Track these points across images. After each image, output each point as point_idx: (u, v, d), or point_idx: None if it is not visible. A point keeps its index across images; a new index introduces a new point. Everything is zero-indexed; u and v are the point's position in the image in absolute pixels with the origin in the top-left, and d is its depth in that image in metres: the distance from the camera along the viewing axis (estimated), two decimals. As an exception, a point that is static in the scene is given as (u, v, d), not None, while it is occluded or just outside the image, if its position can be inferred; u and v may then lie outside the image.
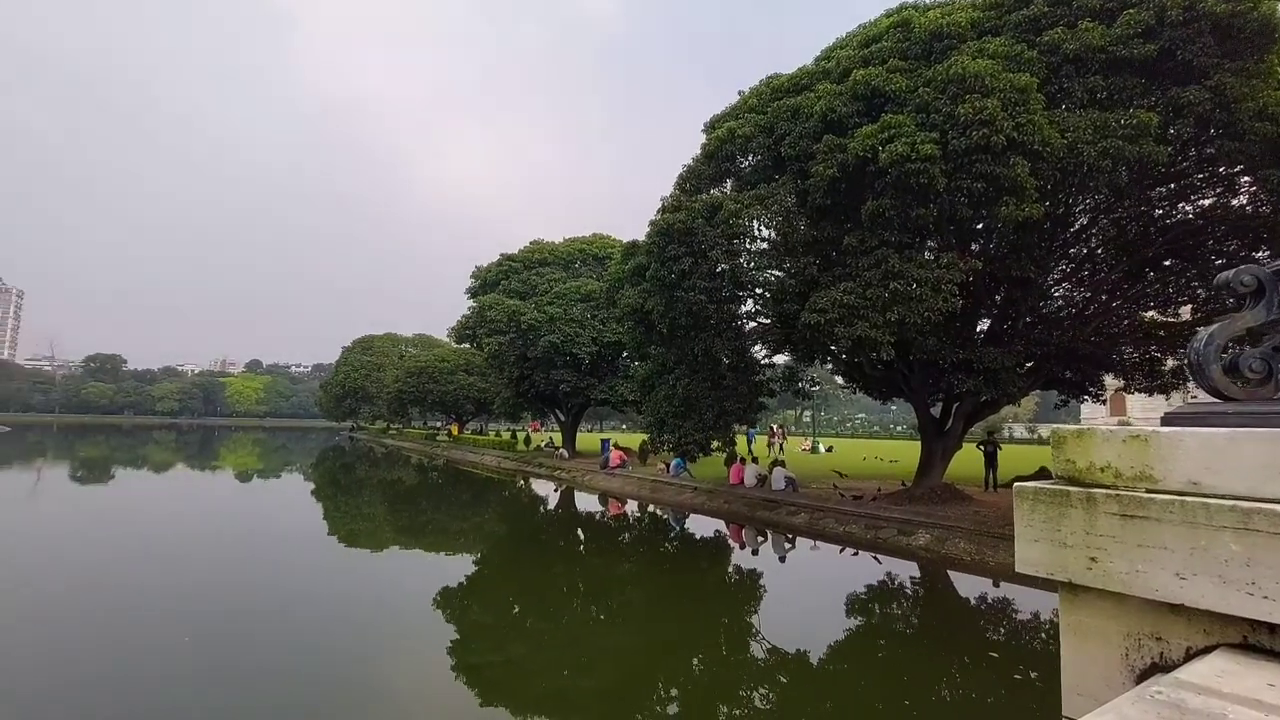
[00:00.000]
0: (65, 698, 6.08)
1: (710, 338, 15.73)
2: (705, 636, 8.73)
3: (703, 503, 19.70)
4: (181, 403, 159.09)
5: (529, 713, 6.12)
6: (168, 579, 10.87)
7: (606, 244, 37.16)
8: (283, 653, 7.46)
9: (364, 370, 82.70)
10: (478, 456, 42.22)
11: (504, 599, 10.65)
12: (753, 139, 14.99)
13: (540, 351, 31.04)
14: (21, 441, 55.95)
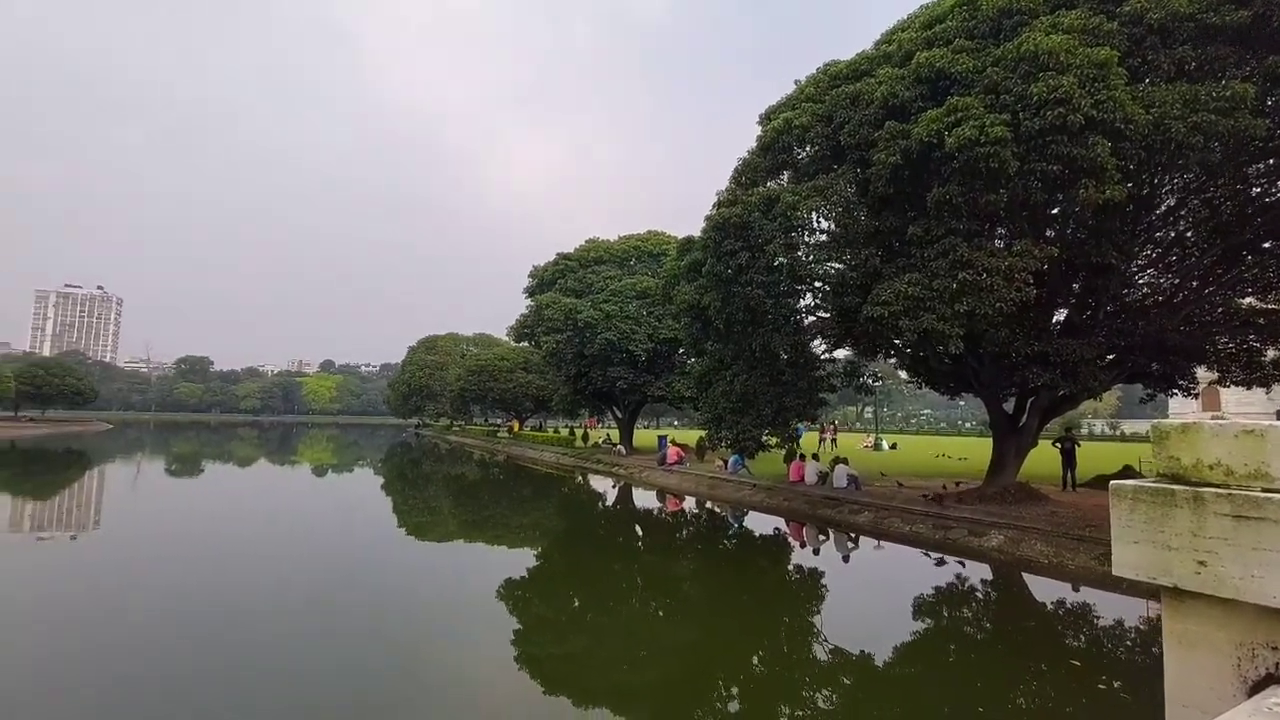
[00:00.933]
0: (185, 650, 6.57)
1: (768, 333, 15.50)
2: (765, 635, 8.63)
3: (762, 500, 19.48)
4: (263, 401, 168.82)
5: (588, 705, 6.20)
6: (252, 566, 11.58)
7: (661, 241, 37.15)
8: (353, 638, 7.81)
9: (428, 369, 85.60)
10: (537, 453, 43.02)
11: (564, 592, 10.83)
12: (810, 129, 14.66)
13: (597, 349, 31.33)
14: (123, 438, 60.65)
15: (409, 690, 6.37)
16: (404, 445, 60.51)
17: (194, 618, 8.50)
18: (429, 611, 9.24)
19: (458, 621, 8.85)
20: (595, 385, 33.70)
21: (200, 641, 7.57)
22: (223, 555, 12.67)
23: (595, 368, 32.69)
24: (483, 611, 9.18)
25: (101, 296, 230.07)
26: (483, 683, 6.79)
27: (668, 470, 26.32)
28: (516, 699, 6.31)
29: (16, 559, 12.39)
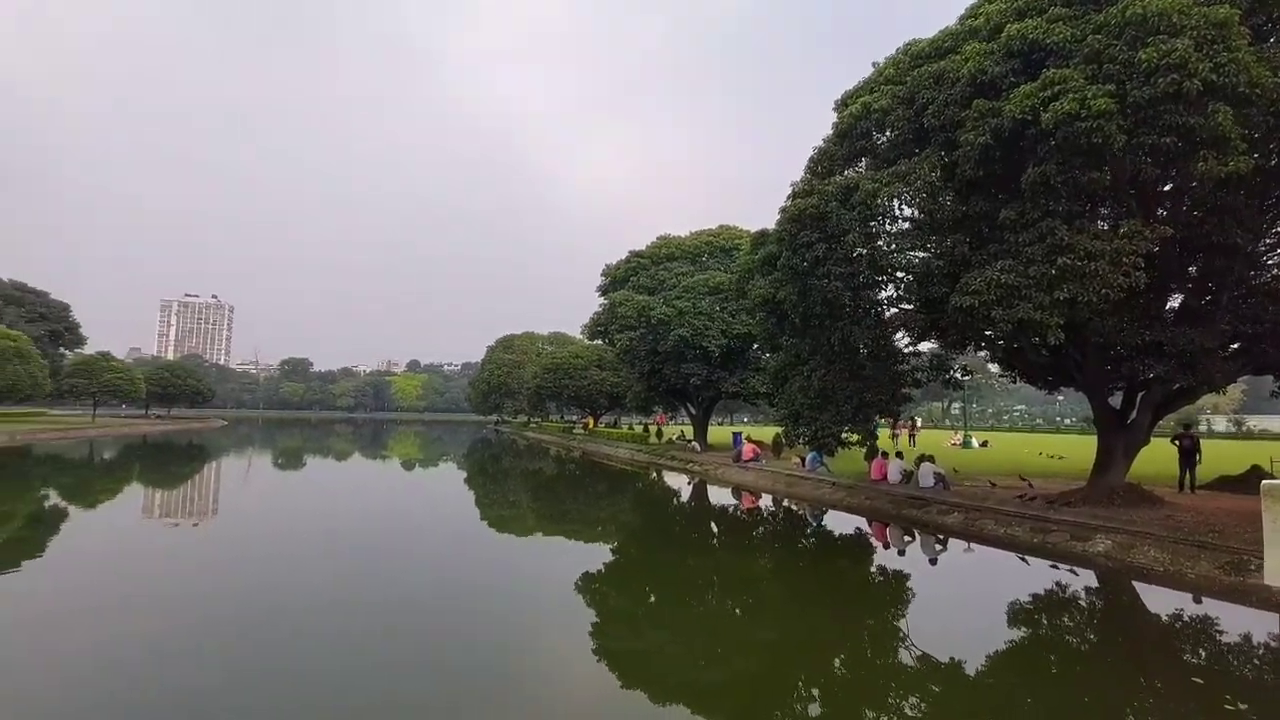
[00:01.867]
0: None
1: (847, 326, 15.01)
2: (846, 637, 8.37)
3: (842, 499, 18.92)
4: (356, 399, 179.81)
5: (665, 700, 6.20)
6: (348, 554, 12.34)
7: (733, 235, 36.71)
8: (437, 627, 8.16)
9: (506, 368, 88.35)
10: (612, 449, 43.53)
11: (640, 587, 10.90)
12: (890, 112, 14.07)
13: (670, 345, 31.34)
14: (236, 433, 66.03)
15: (491, 679, 6.59)
16: (484, 441, 62.72)
17: (300, 599, 9.13)
18: (509, 602, 9.53)
19: (537, 613, 9.07)
20: (669, 382, 33.74)
21: (305, 621, 8.13)
22: (325, 542, 13.58)
23: (668, 364, 32.72)
24: (560, 604, 9.37)
25: (216, 304, 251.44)
26: (560, 674, 6.93)
27: (743, 467, 26.02)
28: (593, 691, 6.40)
29: (149, 543, 13.73)
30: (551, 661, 7.27)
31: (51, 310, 65.08)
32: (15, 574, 10.59)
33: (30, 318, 61.17)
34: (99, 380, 68.53)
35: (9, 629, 7.83)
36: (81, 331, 68.62)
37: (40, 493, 21.00)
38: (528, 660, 7.27)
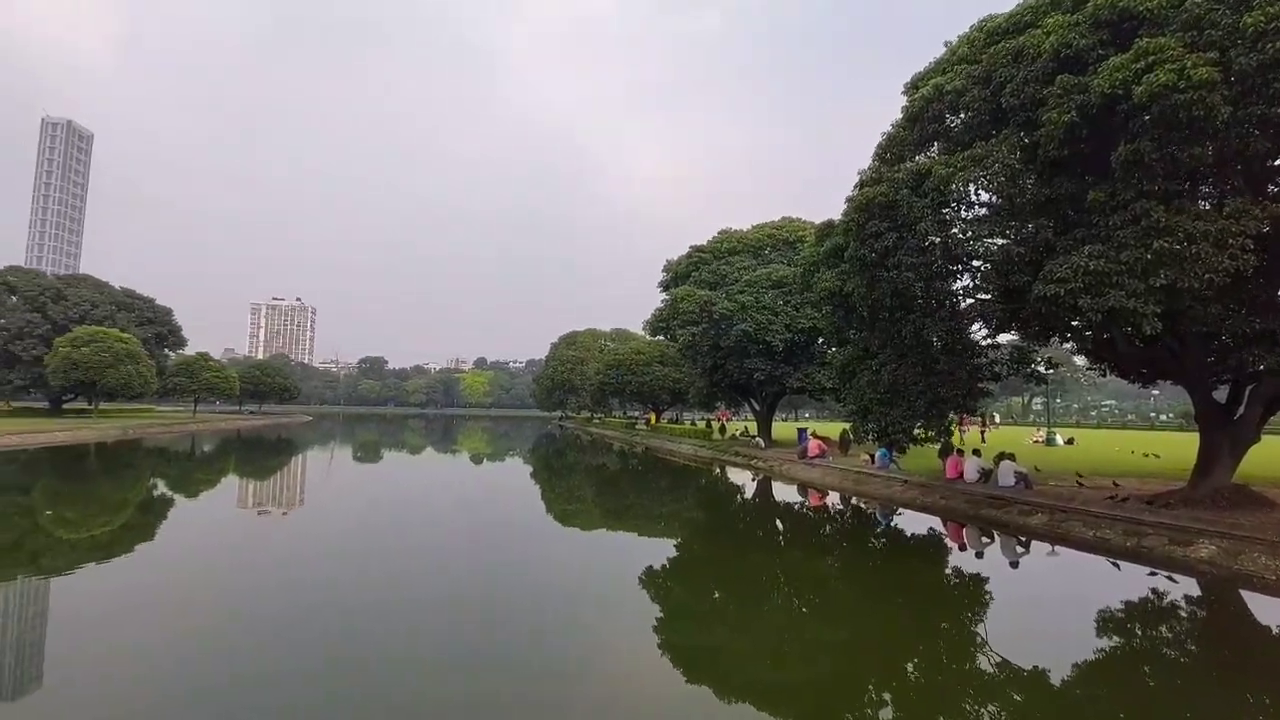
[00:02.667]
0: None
1: (919, 319, 14.44)
2: (920, 640, 8.07)
3: (914, 497, 18.26)
4: (428, 395, 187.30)
5: (731, 698, 6.16)
6: (421, 545, 12.87)
7: (797, 228, 35.95)
8: (503, 620, 8.39)
9: (569, 364, 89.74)
10: (674, 445, 43.54)
11: (705, 584, 10.87)
12: (965, 93, 13.42)
13: (733, 340, 31.02)
14: (320, 428, 69.94)
15: (554, 672, 6.74)
16: (549, 437, 63.99)
17: (373, 589, 9.61)
18: (574, 596, 9.71)
19: (601, 607, 9.20)
20: (732, 377, 33.41)
21: (376, 609, 8.54)
22: (400, 533, 14.23)
23: (731, 359, 32.41)
24: (624, 598, 9.46)
25: (299, 307, 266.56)
26: (623, 669, 6.99)
27: (809, 464, 25.51)
28: (658, 686, 6.43)
29: (242, 530, 14.75)
30: (615, 656, 7.36)
31: (157, 315, 70.59)
32: (129, 556, 11.61)
33: (139, 322, 66.58)
34: (199, 379, 73.98)
35: (130, 601, 8.59)
36: (183, 334, 74.14)
37: (149, 482, 22.91)
38: (591, 654, 7.38)
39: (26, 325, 60.18)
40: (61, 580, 9.94)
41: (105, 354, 51.82)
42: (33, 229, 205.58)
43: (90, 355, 51.24)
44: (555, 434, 69.79)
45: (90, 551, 11.93)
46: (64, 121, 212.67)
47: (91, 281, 68.49)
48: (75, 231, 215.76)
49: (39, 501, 17.53)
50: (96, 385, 52.51)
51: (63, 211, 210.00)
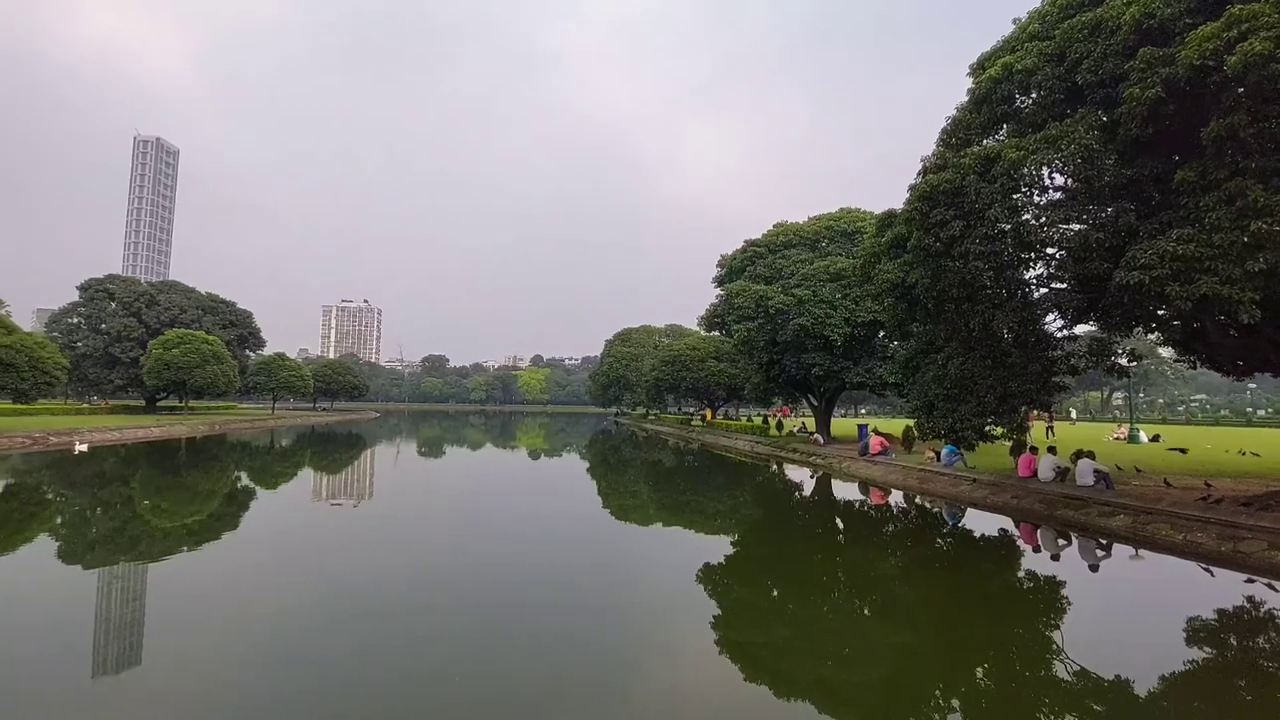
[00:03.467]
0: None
1: (988, 310, 13.82)
2: (990, 645, 7.73)
3: (984, 496, 17.51)
4: (487, 392, 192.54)
5: (790, 696, 6.07)
6: (484, 538, 13.22)
7: (855, 218, 34.98)
8: (562, 613, 8.51)
9: (624, 361, 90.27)
10: (730, 441, 43.18)
11: (763, 581, 10.72)
12: (1036, 71, 12.76)
13: (790, 335, 30.47)
14: (387, 424, 72.82)
15: (614, 666, 6.80)
16: (605, 433, 64.57)
17: (436, 580, 9.94)
18: (630, 590, 9.77)
19: (657, 603, 9.21)
20: (789, 372, 32.84)
21: (439, 600, 8.83)
22: (463, 526, 14.69)
23: (788, 355, 31.86)
24: (681, 594, 9.45)
25: (367, 308, 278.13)
26: (682, 663, 6.98)
27: (870, 461, 24.83)
28: (717, 683, 6.40)
29: (318, 521, 15.51)
30: (673, 651, 7.35)
31: (238, 318, 75.00)
32: (216, 544, 12.41)
33: (223, 324, 70.91)
34: (276, 378, 78.29)
35: (220, 585, 9.19)
36: (261, 335, 78.52)
37: (235, 475, 24.40)
38: (649, 649, 7.41)
39: (124, 329, 65.05)
40: (157, 565, 10.72)
41: (193, 355, 55.47)
42: (127, 239, 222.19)
43: (180, 356, 54.94)
44: (610, 430, 70.38)
45: (182, 539, 12.81)
46: (153, 139, 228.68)
47: (180, 287, 73.36)
48: (164, 240, 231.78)
49: (138, 492, 18.94)
50: (186, 384, 56.33)
51: (153, 222, 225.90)
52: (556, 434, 61.71)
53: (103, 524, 13.99)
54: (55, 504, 16.44)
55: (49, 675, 6.16)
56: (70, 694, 5.79)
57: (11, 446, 29.01)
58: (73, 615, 8.12)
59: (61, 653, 6.78)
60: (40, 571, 10.12)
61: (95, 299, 67.12)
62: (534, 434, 60.71)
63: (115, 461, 26.38)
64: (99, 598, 8.96)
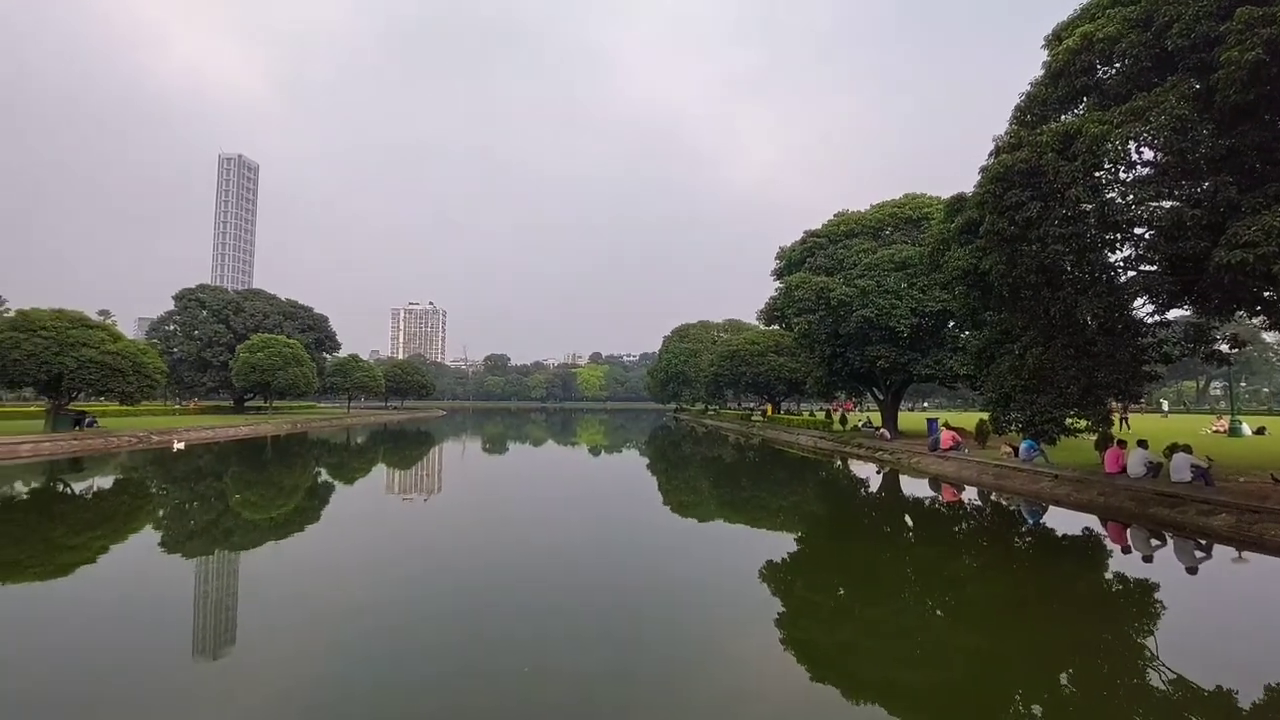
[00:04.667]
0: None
1: (1069, 296, 13.03)
2: (1075, 649, 7.29)
3: (1067, 493, 16.56)
4: (547, 390, 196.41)
5: (858, 697, 5.91)
6: (549, 533, 13.47)
7: (921, 204, 33.69)
8: (624, 610, 8.56)
9: (682, 356, 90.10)
10: (792, 436, 42.46)
11: (829, 580, 10.49)
12: (1120, 39, 11.94)
13: (853, 327, 29.63)
14: (453, 421, 75.31)
15: (677, 662, 6.79)
16: (664, 429, 64.65)
17: (502, 573, 10.20)
18: (693, 587, 9.73)
19: (720, 600, 9.15)
20: (852, 366, 31.98)
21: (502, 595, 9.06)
22: (526, 521, 15.00)
23: (852, 347, 31.01)
24: (745, 590, 9.35)
25: (432, 310, 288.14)
26: (747, 662, 6.90)
27: (941, 456, 23.90)
28: (782, 681, 6.29)
29: (393, 514, 16.19)
30: (736, 648, 7.29)
31: (315, 322, 79.06)
32: (299, 536, 13.13)
33: (301, 328, 74.93)
34: (351, 378, 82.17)
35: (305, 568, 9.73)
36: (337, 338, 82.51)
37: (315, 470, 25.77)
38: (711, 647, 7.36)
39: (214, 335, 69.76)
40: (248, 553, 11.46)
41: (276, 358, 58.88)
42: (215, 249, 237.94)
43: (264, 360, 58.43)
44: (670, 426, 70.40)
45: (270, 530, 13.63)
46: (235, 155, 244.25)
47: (263, 294, 78.00)
48: (248, 249, 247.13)
49: (230, 487, 20.26)
50: (270, 385, 59.87)
51: (237, 233, 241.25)
52: (616, 430, 62.20)
53: (199, 516, 15.04)
54: (158, 497, 17.79)
55: (155, 652, 6.67)
56: (174, 670, 6.25)
57: (120, 445, 31.55)
58: (176, 598, 8.78)
59: (166, 632, 7.34)
60: (147, 558, 10.98)
61: (189, 307, 72.22)
62: (594, 430, 61.39)
63: (209, 458, 28.29)
64: (197, 582, 9.65)
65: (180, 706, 5.53)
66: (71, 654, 6.63)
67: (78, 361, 31.07)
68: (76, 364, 31.02)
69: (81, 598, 8.71)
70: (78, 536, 12.49)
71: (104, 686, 5.87)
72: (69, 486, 19.28)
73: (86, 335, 32.16)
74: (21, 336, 30.42)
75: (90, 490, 19.01)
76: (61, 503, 16.51)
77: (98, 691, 5.76)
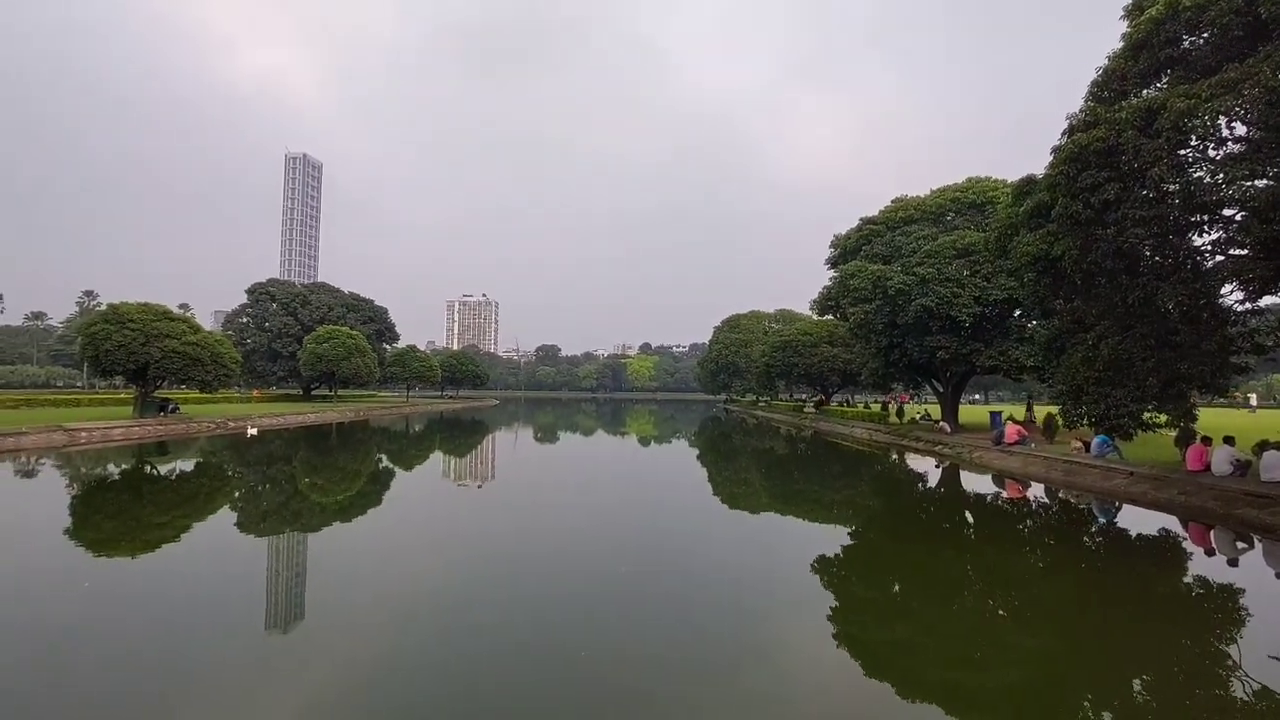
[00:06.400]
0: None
1: (1149, 282, 12.27)
2: (1151, 655, 6.91)
3: (1144, 492, 15.66)
4: (597, 380, 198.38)
5: (914, 697, 5.76)
6: (598, 522, 13.62)
7: (985, 187, 32.28)
8: (680, 605, 8.57)
9: (733, 347, 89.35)
10: (847, 428, 41.57)
11: (885, 576, 10.24)
12: (1208, 7, 11.11)
13: (911, 317, 28.68)
14: (506, 410, 76.90)
15: (729, 657, 6.77)
16: (714, 420, 64.32)
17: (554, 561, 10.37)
18: (745, 581, 9.68)
19: (772, 594, 9.08)
20: (910, 356, 30.99)
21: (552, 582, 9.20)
22: (577, 510, 15.22)
23: (910, 337, 30.04)
24: (799, 584, 9.24)
25: (485, 302, 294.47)
26: (799, 656, 6.82)
27: (1006, 451, 22.97)
28: (836, 678, 6.19)
29: (450, 497, 16.68)
30: (790, 644, 7.22)
31: (376, 314, 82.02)
32: (362, 519, 13.69)
33: (363, 320, 77.89)
34: (409, 368, 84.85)
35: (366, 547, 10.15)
36: (396, 330, 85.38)
37: (377, 456, 26.80)
38: (764, 642, 7.31)
39: (283, 327, 73.24)
40: (315, 534, 12.05)
41: (340, 349, 61.39)
42: (283, 246, 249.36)
43: (329, 350, 61.00)
44: (720, 417, 70.02)
45: (336, 512, 14.27)
46: (300, 155, 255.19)
47: (328, 288, 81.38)
48: (312, 244, 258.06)
49: (298, 471, 21.28)
50: (335, 375, 62.52)
51: (303, 229, 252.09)
52: (666, 421, 62.26)
53: (271, 497, 15.87)
54: (234, 480, 18.86)
55: (231, 625, 7.09)
56: (248, 641, 6.64)
57: (200, 430, 33.56)
58: (249, 574, 9.31)
59: (241, 606, 7.79)
60: (224, 536, 11.67)
61: (260, 300, 76.07)
62: (644, 421, 61.61)
63: (280, 443, 29.78)
64: (269, 560, 10.21)
65: (253, 675, 5.87)
66: (158, 623, 7.12)
67: (162, 352, 33.15)
68: (161, 354, 33.10)
69: (167, 571, 9.33)
70: (164, 515, 13.37)
71: (185, 654, 6.28)
72: (155, 469, 20.64)
73: (169, 327, 34.25)
74: (113, 329, 32.64)
75: (174, 472, 20.30)
76: (149, 484, 17.71)
77: (182, 657, 6.17)
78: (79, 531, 11.63)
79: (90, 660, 6.08)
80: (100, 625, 7.04)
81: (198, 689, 5.60)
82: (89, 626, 6.97)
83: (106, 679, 5.73)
